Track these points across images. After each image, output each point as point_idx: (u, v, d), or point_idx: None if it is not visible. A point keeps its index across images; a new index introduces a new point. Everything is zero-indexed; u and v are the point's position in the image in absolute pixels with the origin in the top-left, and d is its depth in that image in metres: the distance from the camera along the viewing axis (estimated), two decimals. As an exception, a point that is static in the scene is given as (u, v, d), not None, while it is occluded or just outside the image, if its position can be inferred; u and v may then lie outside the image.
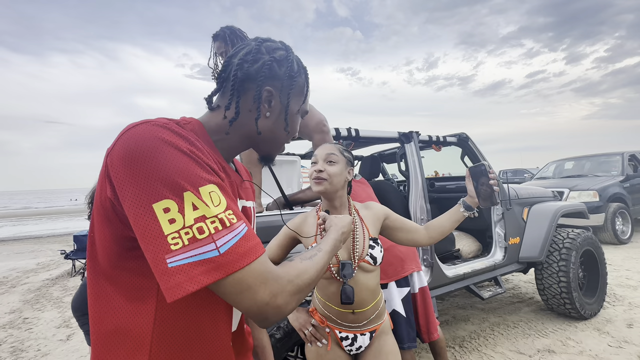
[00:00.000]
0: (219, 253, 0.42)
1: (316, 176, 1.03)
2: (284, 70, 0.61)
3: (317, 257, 0.59)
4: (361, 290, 1.03)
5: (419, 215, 2.05)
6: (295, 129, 0.67)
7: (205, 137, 0.58)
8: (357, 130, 1.99)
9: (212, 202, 0.45)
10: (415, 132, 2.18)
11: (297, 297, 0.50)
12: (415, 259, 1.70)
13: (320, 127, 1.63)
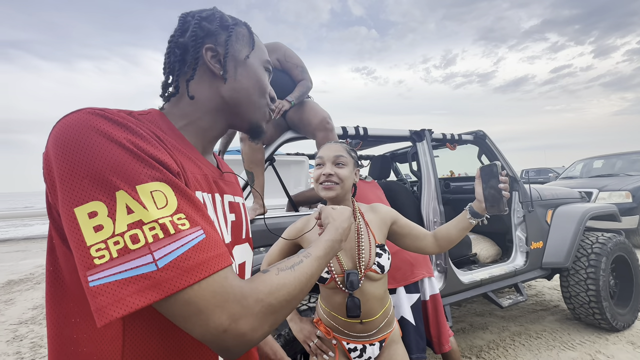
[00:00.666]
0: (156, 267, 0.34)
1: (325, 180, 0.94)
2: (216, 23, 0.55)
3: (301, 265, 0.50)
4: (368, 300, 0.96)
5: (432, 217, 1.94)
6: (259, 79, 0.59)
7: (168, 126, 0.52)
8: (366, 128, 1.91)
9: (154, 203, 0.36)
10: (428, 130, 2.07)
11: (271, 319, 0.41)
12: (427, 264, 1.61)
13: (324, 125, 1.56)
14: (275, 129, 1.69)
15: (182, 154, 0.49)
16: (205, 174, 0.53)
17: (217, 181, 0.58)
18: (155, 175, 0.38)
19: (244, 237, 0.67)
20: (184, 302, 0.35)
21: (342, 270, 0.96)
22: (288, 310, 0.45)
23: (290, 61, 1.66)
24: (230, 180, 0.65)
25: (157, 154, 0.40)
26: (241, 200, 0.69)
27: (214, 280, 0.37)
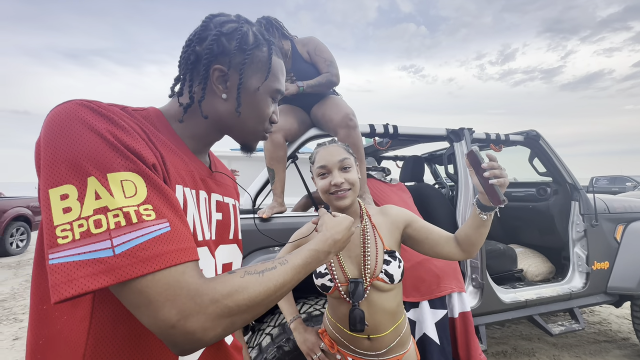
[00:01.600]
0: (112, 253, 0.35)
1: (336, 190, 0.86)
2: (235, 43, 0.53)
3: (273, 272, 0.47)
4: (376, 313, 0.86)
5: (468, 226, 1.75)
6: (261, 111, 0.58)
7: (162, 123, 0.53)
8: (396, 126, 1.78)
9: (122, 191, 0.38)
10: (468, 129, 1.87)
11: (226, 322, 0.40)
12: (456, 278, 1.44)
13: (346, 122, 1.47)
14: (299, 126, 1.64)
15: (170, 149, 0.51)
16: (191, 171, 0.54)
17: (205, 179, 0.58)
18: (127, 166, 0.39)
19: (232, 238, 0.66)
20: (135, 291, 0.36)
21: (345, 278, 0.87)
22: (249, 316, 0.44)
23: (320, 54, 1.62)
24: (222, 180, 0.65)
25: (133, 145, 0.41)
26: (232, 202, 0.68)
27: (169, 273, 0.38)
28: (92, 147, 0.38)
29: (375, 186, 1.69)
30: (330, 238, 0.60)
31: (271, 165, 1.54)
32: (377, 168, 1.85)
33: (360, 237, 0.90)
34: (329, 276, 0.88)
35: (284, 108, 1.66)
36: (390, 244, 0.91)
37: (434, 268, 1.40)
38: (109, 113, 0.41)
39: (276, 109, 0.63)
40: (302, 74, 1.60)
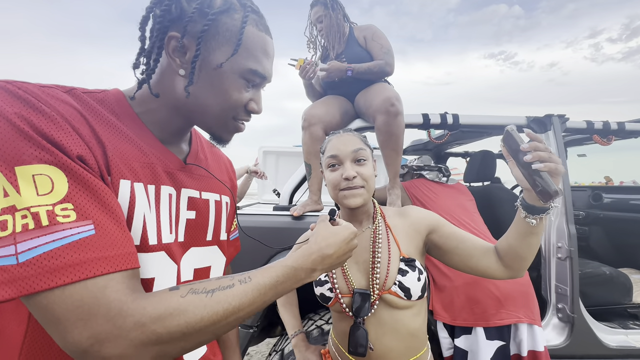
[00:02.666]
0: (16, 261, 0.30)
1: (348, 185, 0.70)
2: (195, 5, 0.42)
3: (225, 292, 0.38)
4: (385, 335, 0.69)
5: (555, 241, 1.36)
6: (226, 94, 0.47)
7: (122, 109, 0.46)
8: (457, 116, 1.49)
9: (34, 188, 0.32)
10: (558, 117, 1.45)
11: (154, 350, 0.34)
12: (527, 305, 1.12)
13: (386, 107, 1.27)
14: (342, 117, 1.50)
15: (123, 137, 0.43)
16: (150, 163, 0.46)
17: (173, 172, 0.50)
18: (42, 157, 0.33)
19: (210, 239, 0.57)
20: (41, 307, 0.31)
21: (349, 289, 0.71)
22: (188, 344, 0.36)
23: (377, 40, 1.48)
24: (198, 173, 0.55)
25: (53, 133, 0.34)
26: (216, 197, 0.59)
27: (85, 287, 0.32)
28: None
29: (425, 187, 1.46)
30: (317, 252, 0.48)
31: (308, 160, 1.45)
32: (431, 167, 1.59)
33: (370, 240, 0.73)
34: (329, 285, 0.74)
35: (325, 98, 1.55)
36: (408, 250, 0.72)
37: (493, 289, 1.11)
38: (27, 96, 0.35)
39: (256, 96, 0.51)
40: (354, 58, 1.48)
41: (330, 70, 1.29)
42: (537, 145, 0.54)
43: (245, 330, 1.24)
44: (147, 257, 0.43)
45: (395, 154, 1.34)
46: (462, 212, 1.35)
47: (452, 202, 1.37)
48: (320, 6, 1.49)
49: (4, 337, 0.39)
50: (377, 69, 1.42)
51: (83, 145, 0.37)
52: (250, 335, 1.23)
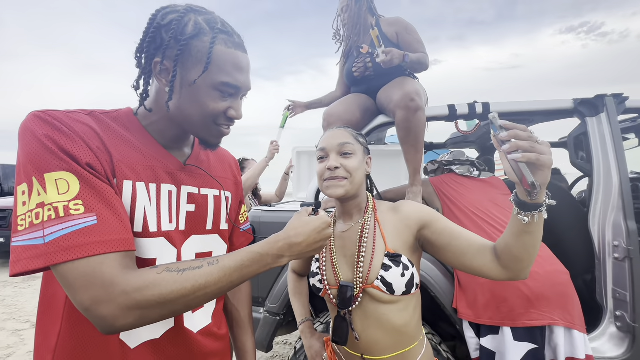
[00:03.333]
0: (43, 242, 0.41)
1: (331, 176, 0.74)
2: (170, 34, 0.52)
3: (195, 271, 0.47)
4: (370, 327, 0.71)
5: (610, 238, 1.19)
6: (203, 105, 0.55)
7: (132, 123, 0.58)
8: (487, 104, 1.40)
9: (56, 189, 0.43)
10: (613, 96, 1.26)
11: (136, 314, 0.43)
12: (563, 306, 1.02)
13: (406, 102, 1.25)
14: (362, 115, 1.52)
15: (129, 146, 0.55)
16: (151, 166, 0.57)
17: (173, 172, 0.60)
18: (62, 166, 0.44)
19: (210, 228, 0.67)
20: (60, 275, 0.42)
21: (336, 281, 0.75)
22: (165, 310, 0.45)
23: (412, 35, 1.48)
24: (198, 172, 0.65)
25: (69, 147, 0.46)
26: (215, 193, 0.68)
27: (87, 262, 0.42)
28: (33, 151, 0.44)
29: (454, 182, 1.40)
30: (284, 240, 0.54)
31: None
32: (462, 162, 1.51)
33: (358, 235, 0.75)
34: (319, 276, 0.78)
35: (345, 98, 1.58)
36: (395, 246, 0.72)
37: (523, 288, 1.02)
38: (53, 121, 0.47)
39: (235, 104, 0.58)
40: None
41: (393, 55, 1.25)
42: (517, 133, 0.51)
43: (272, 317, 1.34)
44: (148, 241, 0.53)
45: (414, 150, 1.31)
46: (493, 207, 1.26)
47: (483, 196, 1.29)
48: None
49: (55, 298, 0.53)
50: (423, 60, 1.41)
51: (92, 155, 0.48)
52: (277, 322, 1.33)
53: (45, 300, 0.54)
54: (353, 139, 0.77)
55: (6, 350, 2.33)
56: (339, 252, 0.78)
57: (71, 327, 0.51)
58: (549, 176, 0.52)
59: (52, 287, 0.54)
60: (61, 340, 0.51)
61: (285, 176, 2.44)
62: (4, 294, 3.53)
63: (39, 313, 0.55)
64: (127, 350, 0.53)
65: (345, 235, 0.78)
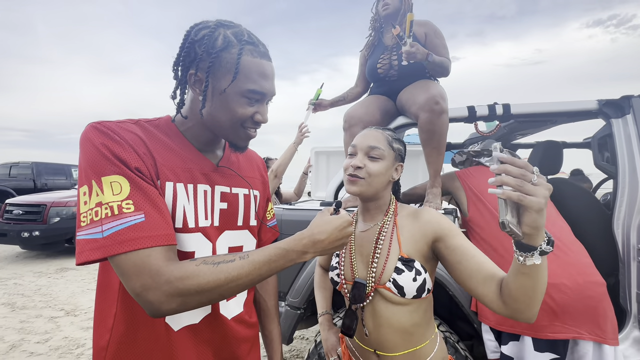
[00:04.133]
0: (102, 236, 0.48)
1: (352, 172, 0.77)
2: (203, 48, 0.58)
3: (228, 264, 0.53)
4: (381, 326, 0.75)
5: (635, 241, 1.18)
6: (233, 111, 0.61)
7: (171, 129, 0.65)
8: (507, 105, 1.40)
9: (111, 190, 0.50)
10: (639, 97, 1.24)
11: (178, 300, 0.49)
12: (596, 322, 0.99)
13: (430, 105, 1.27)
14: (382, 117, 1.55)
15: (170, 151, 0.61)
16: (189, 168, 0.63)
17: (208, 174, 0.66)
18: (115, 170, 0.51)
19: (241, 225, 0.73)
20: (115, 264, 0.49)
21: (352, 277, 0.79)
22: (202, 298, 0.51)
23: (440, 40, 1.50)
24: (229, 173, 0.72)
25: (121, 153, 0.53)
26: (244, 192, 0.74)
27: (137, 254, 0.48)
28: (92, 157, 0.51)
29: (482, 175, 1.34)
30: (308, 237, 0.59)
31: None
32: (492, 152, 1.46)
33: (375, 236, 0.79)
34: (337, 271, 0.83)
35: (365, 99, 1.61)
36: (409, 251, 0.74)
37: (547, 299, 1.01)
38: (107, 130, 0.54)
39: (262, 109, 0.63)
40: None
41: (418, 49, 1.25)
42: (507, 169, 0.48)
43: (293, 311, 1.40)
44: (187, 236, 0.60)
45: (436, 153, 1.33)
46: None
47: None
48: None
49: (110, 285, 0.60)
50: (446, 65, 1.41)
51: (139, 160, 0.54)
52: (297, 316, 1.39)
53: (102, 287, 0.62)
54: (385, 144, 0.79)
55: (44, 335, 2.51)
56: (357, 250, 0.82)
57: (124, 309, 0.58)
58: (538, 220, 0.48)
59: (107, 276, 0.61)
60: (117, 321, 0.59)
61: (303, 175, 2.50)
62: (40, 283, 3.77)
63: (97, 298, 0.62)
64: (171, 332, 0.60)
65: (364, 235, 0.82)
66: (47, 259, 4.90)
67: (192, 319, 0.62)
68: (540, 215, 0.48)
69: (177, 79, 0.62)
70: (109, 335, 0.59)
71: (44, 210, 4.76)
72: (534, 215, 0.48)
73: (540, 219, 0.48)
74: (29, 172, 8.00)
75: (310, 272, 1.39)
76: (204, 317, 0.64)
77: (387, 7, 1.51)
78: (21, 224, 4.69)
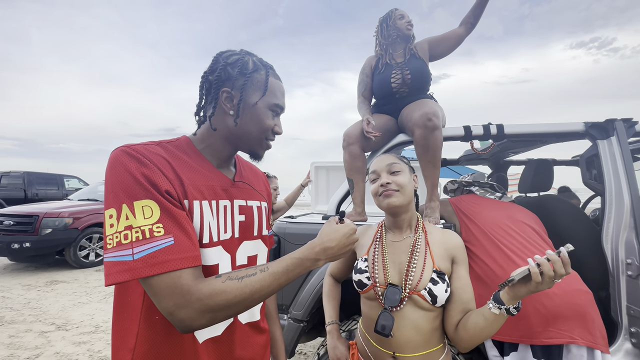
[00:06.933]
0: (132, 259, 0.50)
1: (384, 190, 0.87)
2: (237, 70, 0.66)
3: (251, 278, 0.56)
4: (406, 327, 0.81)
5: (623, 256, 1.24)
6: (262, 122, 0.68)
7: (191, 148, 0.69)
8: (501, 125, 1.48)
9: (142, 214, 0.52)
10: (623, 121, 1.33)
11: (208, 316, 0.52)
12: (586, 327, 1.05)
13: (424, 121, 1.35)
14: (384, 134, 1.62)
15: (193, 170, 0.65)
16: (212, 185, 0.67)
17: (227, 189, 0.71)
18: (147, 195, 0.54)
19: (256, 235, 0.77)
20: (147, 286, 0.51)
21: (386, 281, 0.85)
22: (230, 312, 0.54)
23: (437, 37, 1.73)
24: (244, 187, 0.76)
25: (152, 178, 0.55)
26: (257, 204, 0.79)
27: (168, 276, 0.51)
28: (124, 181, 0.53)
29: (473, 202, 1.44)
30: (319, 246, 0.64)
31: (350, 175, 1.59)
32: (482, 184, 1.58)
33: (409, 247, 0.87)
34: (367, 274, 0.88)
35: None
36: (441, 264, 0.84)
37: (539, 306, 1.06)
38: (138, 155, 0.56)
39: (279, 122, 0.72)
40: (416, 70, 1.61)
41: None
42: (557, 265, 0.65)
43: (295, 324, 1.41)
44: (211, 250, 0.63)
45: (432, 166, 1.40)
46: (512, 223, 1.30)
47: (502, 214, 1.34)
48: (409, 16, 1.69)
49: (131, 305, 0.61)
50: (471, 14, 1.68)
51: (168, 183, 0.57)
52: (300, 329, 1.41)
53: (121, 307, 0.62)
54: (399, 160, 0.91)
55: (34, 351, 2.44)
56: (390, 257, 0.88)
57: (148, 328, 0.59)
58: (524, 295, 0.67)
59: (125, 295, 0.61)
60: (139, 340, 0.59)
61: (300, 187, 2.54)
62: (29, 296, 3.68)
63: (114, 318, 0.63)
64: (197, 344, 0.62)
65: (396, 245, 0.90)
66: (37, 272, 4.78)
67: (214, 331, 0.65)
68: (528, 294, 0.66)
69: (205, 97, 0.68)
70: (131, 355, 0.58)
71: (35, 221, 4.67)
72: (525, 292, 0.66)
73: (525, 295, 0.67)
74: (20, 181, 7.88)
75: (313, 285, 1.42)
76: (226, 327, 0.67)
77: (411, 27, 1.66)
78: (11, 235, 4.58)
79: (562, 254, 0.64)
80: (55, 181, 8.44)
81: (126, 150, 0.57)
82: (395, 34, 1.67)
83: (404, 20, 1.65)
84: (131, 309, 0.60)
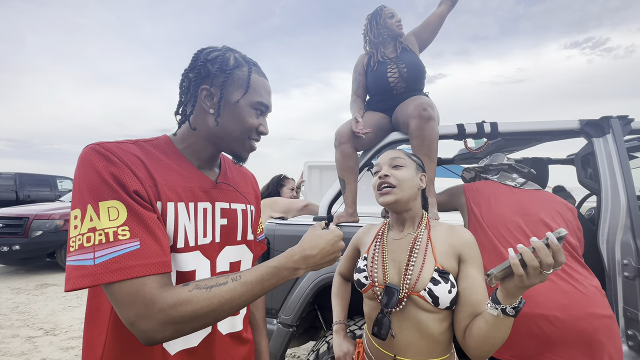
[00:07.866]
0: (93, 263, 0.46)
1: (382, 182, 0.84)
2: (217, 66, 0.61)
3: (221, 287, 0.51)
4: (408, 329, 0.76)
5: (619, 257, 1.21)
6: (244, 121, 0.64)
7: (170, 148, 0.64)
8: (495, 124, 1.45)
9: (108, 216, 0.48)
10: (618, 118, 1.30)
11: (172, 328, 0.48)
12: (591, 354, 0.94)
13: (419, 111, 1.32)
14: (375, 133, 1.58)
15: (170, 170, 0.60)
16: (190, 187, 0.62)
17: (208, 191, 0.66)
18: (113, 195, 0.50)
19: (240, 239, 0.72)
20: (109, 292, 0.48)
21: (384, 281, 0.81)
22: (197, 324, 0.49)
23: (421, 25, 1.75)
24: (227, 189, 0.72)
25: (121, 177, 0.51)
26: (242, 207, 0.74)
27: (131, 283, 0.47)
28: (91, 181, 0.50)
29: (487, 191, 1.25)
30: (299, 254, 0.59)
31: (342, 175, 1.55)
32: (500, 167, 1.33)
33: (409, 245, 0.82)
34: (365, 273, 0.84)
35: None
36: (443, 263, 0.77)
37: (536, 330, 0.97)
38: (107, 153, 0.52)
39: (264, 122, 0.67)
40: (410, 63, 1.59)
41: None
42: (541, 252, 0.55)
43: (284, 329, 1.37)
44: (187, 255, 0.59)
45: (428, 160, 1.36)
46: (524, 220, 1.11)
47: (514, 208, 1.15)
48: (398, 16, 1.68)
49: (100, 311, 0.57)
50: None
51: (138, 183, 0.53)
52: (290, 334, 1.36)
53: (91, 313, 0.58)
54: (404, 155, 0.88)
55: (20, 357, 2.38)
56: (389, 256, 0.84)
57: (116, 337, 0.55)
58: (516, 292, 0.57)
59: (96, 301, 0.58)
60: (107, 350, 0.55)
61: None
62: (18, 300, 3.60)
63: (86, 325, 0.59)
64: (167, 356, 0.57)
65: (397, 242, 0.85)
66: (27, 275, 4.69)
67: (189, 342, 0.60)
68: (520, 290, 0.57)
69: (184, 96, 0.64)
70: None
71: (25, 223, 4.59)
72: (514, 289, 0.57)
73: (518, 292, 0.57)
74: (11, 183, 7.74)
75: (303, 288, 1.38)
76: (203, 338, 0.62)
77: (401, 25, 1.64)
78: (1, 238, 4.49)
79: (550, 240, 0.53)
80: (48, 182, 8.32)
81: (96, 147, 0.53)
82: (385, 32, 1.65)
83: (394, 19, 1.63)
84: (101, 316, 0.57)
